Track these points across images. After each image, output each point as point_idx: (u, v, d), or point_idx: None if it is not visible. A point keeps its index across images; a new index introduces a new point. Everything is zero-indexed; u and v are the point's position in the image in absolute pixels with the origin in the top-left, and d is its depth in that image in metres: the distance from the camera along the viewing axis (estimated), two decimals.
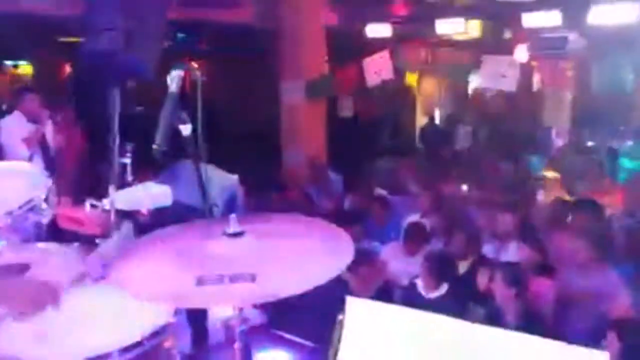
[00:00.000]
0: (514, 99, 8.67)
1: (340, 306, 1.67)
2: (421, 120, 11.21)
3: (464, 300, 4.07)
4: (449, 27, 7.65)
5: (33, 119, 5.35)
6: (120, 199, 2.08)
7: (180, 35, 8.92)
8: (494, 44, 8.27)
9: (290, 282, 1.42)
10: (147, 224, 2.22)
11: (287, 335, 3.32)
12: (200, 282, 1.42)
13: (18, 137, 5.16)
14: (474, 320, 1.46)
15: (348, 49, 8.57)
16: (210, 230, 1.67)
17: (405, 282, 4.74)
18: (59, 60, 11.67)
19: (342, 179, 7.83)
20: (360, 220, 6.00)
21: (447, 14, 7.58)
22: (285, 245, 1.59)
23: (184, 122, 1.96)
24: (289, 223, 1.78)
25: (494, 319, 3.79)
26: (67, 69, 11.81)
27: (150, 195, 2.15)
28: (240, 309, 1.56)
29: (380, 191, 6.82)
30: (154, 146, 1.87)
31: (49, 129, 5.51)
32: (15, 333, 1.67)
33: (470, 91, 11.19)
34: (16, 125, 5.26)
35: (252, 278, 1.43)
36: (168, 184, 2.35)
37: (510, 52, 7.25)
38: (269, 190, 7.11)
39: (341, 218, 5.78)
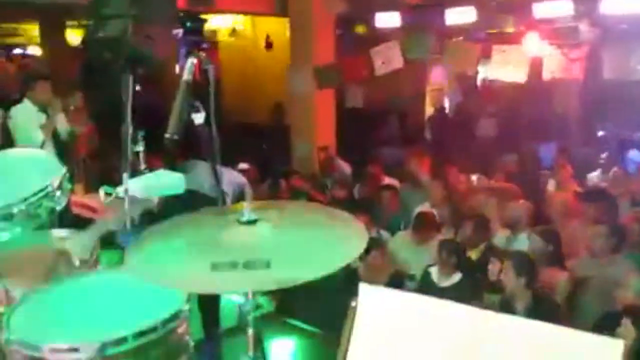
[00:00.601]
0: (524, 89, 8.62)
1: (349, 295, 1.68)
2: (430, 110, 11.17)
3: (476, 288, 4.08)
4: (459, 16, 7.59)
5: (44, 107, 5.36)
6: (134, 186, 2.09)
7: (189, 23, 8.89)
8: (504, 34, 8.22)
9: (304, 269, 1.43)
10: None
11: (297, 323, 3.33)
12: (214, 267, 1.43)
13: (29, 125, 5.18)
14: (488, 308, 1.46)
15: (357, 38, 8.55)
16: (224, 218, 1.68)
17: (414, 271, 4.75)
18: (70, 46, 11.70)
19: (352, 168, 7.83)
20: (370, 209, 6.01)
21: (457, 3, 7.53)
22: (299, 232, 1.60)
23: (197, 111, 1.97)
24: (303, 210, 1.79)
25: (504, 308, 3.79)
26: (78, 55, 11.85)
27: (163, 182, 2.16)
28: (253, 296, 1.57)
29: (390, 180, 6.82)
30: (167, 135, 1.88)
31: (60, 117, 5.53)
32: (32, 316, 1.69)
33: (479, 81, 11.12)
34: (27, 114, 5.28)
35: (267, 264, 1.44)
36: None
37: (520, 42, 7.19)
38: (278, 178, 7.12)
39: (350, 207, 5.79)
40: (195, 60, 1.92)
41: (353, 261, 4.17)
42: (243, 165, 6.69)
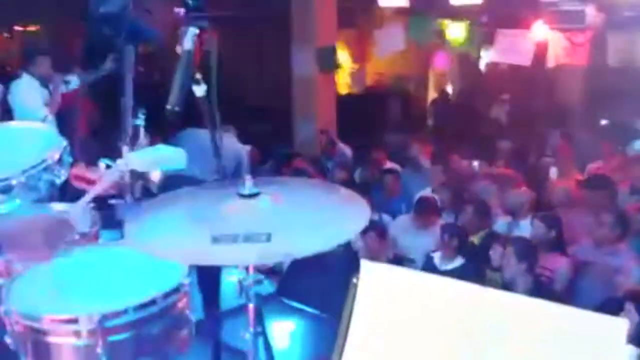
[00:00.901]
0: (528, 73, 8.56)
1: (350, 275, 1.66)
2: (433, 95, 11.11)
3: (478, 273, 4.08)
4: None
5: (44, 82, 5.32)
6: (134, 160, 2.07)
7: (191, 1, 8.81)
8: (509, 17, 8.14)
9: (305, 243, 1.41)
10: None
11: (297, 305, 3.33)
12: (215, 240, 1.41)
13: (31, 101, 5.14)
14: (490, 286, 1.45)
15: (360, 18, 8.47)
16: (225, 191, 1.66)
17: (415, 256, 4.75)
18: (69, 21, 11.59)
19: (353, 151, 7.81)
20: (370, 193, 5.99)
21: None
22: (301, 207, 1.58)
23: (198, 83, 1.93)
24: (305, 186, 1.77)
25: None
26: (78, 30, 11.75)
27: (164, 157, 2.13)
28: (254, 270, 1.55)
29: (391, 164, 6.79)
30: (167, 106, 1.85)
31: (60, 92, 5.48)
32: (32, 287, 1.68)
33: (483, 66, 11.04)
34: (28, 89, 5.23)
35: (267, 238, 1.42)
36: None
37: (526, 26, 7.12)
38: (279, 160, 7.10)
39: (351, 189, 5.77)
40: (197, 31, 1.87)
41: (354, 243, 4.21)
42: (245, 147, 6.65)
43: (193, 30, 1.83)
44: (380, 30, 7.65)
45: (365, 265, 1.52)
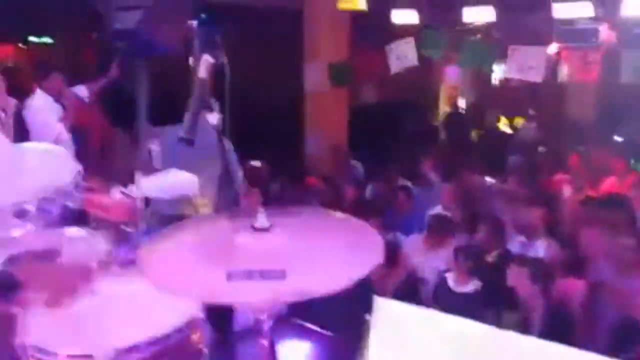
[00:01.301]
0: (540, 90, 8.52)
1: (363, 299, 1.64)
2: (444, 109, 11.10)
3: (494, 297, 4.03)
4: (477, 15, 7.50)
5: (57, 99, 5.36)
6: (147, 186, 2.06)
7: (203, 15, 8.89)
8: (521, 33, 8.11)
9: (320, 281, 1.39)
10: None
11: (308, 325, 3.29)
12: (230, 277, 1.39)
13: (45, 117, 5.17)
14: (506, 326, 1.42)
15: (372, 34, 8.46)
16: (238, 223, 1.64)
17: (428, 275, 4.71)
18: (83, 35, 11.68)
19: (364, 168, 7.79)
20: (382, 210, 5.96)
21: (475, 1, 7.44)
22: (315, 241, 1.56)
23: (212, 110, 1.93)
24: (318, 218, 1.75)
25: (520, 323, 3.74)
26: (90, 46, 11.84)
27: (177, 183, 2.12)
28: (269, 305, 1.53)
29: (403, 181, 6.77)
30: (181, 134, 1.85)
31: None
32: (42, 321, 1.66)
33: (495, 81, 11.03)
34: (41, 105, 5.27)
35: (282, 275, 1.40)
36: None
37: (539, 42, 7.10)
38: (290, 175, 7.09)
39: (362, 207, 5.76)
40: (211, 60, 1.88)
41: None
42: (255, 163, 6.67)
43: (208, 59, 1.83)
44: (392, 46, 7.64)
45: (378, 301, 1.50)
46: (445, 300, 4.17)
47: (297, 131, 8.67)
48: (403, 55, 7.51)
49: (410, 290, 4.57)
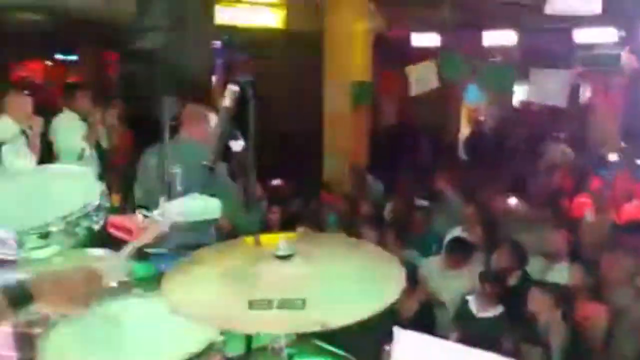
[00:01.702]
0: (561, 113, 8.47)
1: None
2: (465, 130, 11.07)
3: (516, 321, 3.99)
4: (497, 38, 7.52)
5: (84, 117, 5.46)
6: (171, 210, 2.09)
7: (225, 37, 9.06)
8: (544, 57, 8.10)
9: (340, 312, 1.40)
10: None
11: (329, 347, 3.28)
12: (251, 306, 1.40)
13: (71, 135, 5.27)
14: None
15: (393, 56, 8.52)
16: (260, 250, 1.66)
17: (446, 298, 4.67)
18: (107, 56, 11.92)
19: (383, 187, 7.78)
20: (400, 230, 5.95)
21: (495, 25, 7.47)
22: (337, 270, 1.57)
23: (236, 138, 1.96)
24: (340, 246, 1.76)
25: (538, 340, 3.70)
26: (115, 65, 12.08)
27: (200, 207, 2.15)
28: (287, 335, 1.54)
29: (421, 202, 6.74)
30: (204, 162, 1.87)
31: (100, 127, 5.62)
32: (65, 340, 1.69)
33: (516, 103, 11.00)
34: (69, 123, 5.38)
35: (302, 304, 1.41)
36: None
37: (560, 66, 7.08)
38: (309, 193, 7.12)
39: (380, 226, 5.76)
40: (237, 88, 1.91)
41: None
42: (276, 182, 6.70)
43: (233, 88, 1.86)
44: (413, 68, 7.68)
45: (397, 332, 1.51)
46: (467, 325, 4.13)
47: (317, 149, 8.72)
48: (424, 77, 7.53)
49: (428, 314, 4.54)
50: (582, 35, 6.61)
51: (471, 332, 3.98)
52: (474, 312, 4.24)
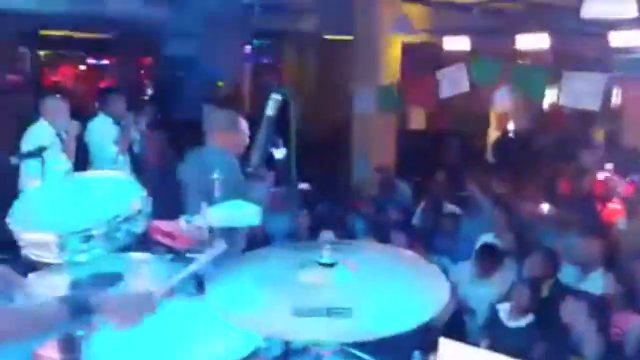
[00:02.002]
0: (593, 117, 8.35)
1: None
2: (494, 134, 10.96)
3: (548, 331, 3.92)
4: (530, 41, 7.44)
5: (117, 121, 5.53)
6: (213, 215, 2.12)
7: (256, 41, 9.11)
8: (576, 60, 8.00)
9: (387, 321, 1.40)
10: None
11: (360, 354, 3.28)
12: (296, 313, 1.42)
13: (105, 139, 5.34)
14: None
15: (424, 60, 8.50)
16: (303, 257, 1.67)
17: (475, 306, 4.63)
18: (138, 60, 12.10)
19: (412, 192, 7.74)
20: (429, 236, 5.92)
21: (528, 28, 7.39)
22: (382, 279, 1.58)
23: (277, 146, 1.99)
24: (380, 254, 1.77)
25: (571, 352, 3.65)
26: (148, 70, 12.25)
27: (240, 212, 2.17)
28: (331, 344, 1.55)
29: (451, 207, 6.69)
30: (249, 169, 1.91)
31: (133, 131, 5.69)
32: (109, 344, 1.73)
33: (546, 106, 10.85)
34: (103, 127, 5.46)
35: (349, 313, 1.42)
36: None
37: (594, 69, 6.98)
38: (337, 197, 7.12)
39: (409, 231, 5.73)
40: (279, 97, 1.94)
41: None
42: (304, 185, 6.71)
43: (276, 97, 1.90)
44: (443, 72, 7.64)
45: (443, 343, 1.51)
46: (497, 333, 4.08)
47: (345, 154, 8.73)
48: (454, 81, 7.48)
49: (457, 321, 4.50)
50: (617, 39, 6.50)
51: (501, 341, 3.93)
52: (504, 320, 4.18)
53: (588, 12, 5.47)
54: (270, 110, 1.91)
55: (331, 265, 1.60)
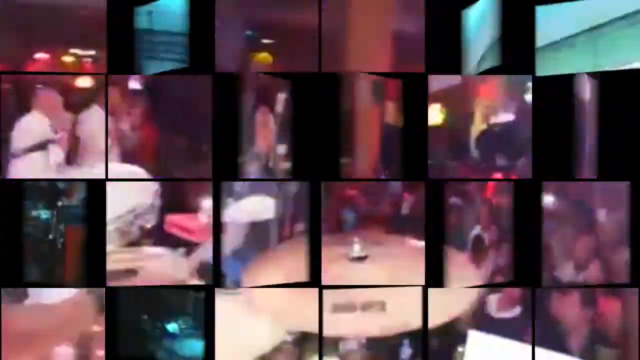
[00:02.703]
0: None
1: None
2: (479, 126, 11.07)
3: (536, 323, 3.97)
4: None
5: (111, 113, 5.46)
6: (229, 210, 2.12)
7: (248, 32, 9.03)
8: None
9: (419, 315, 1.42)
10: None
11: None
12: (335, 308, 1.43)
13: (99, 132, 5.27)
14: None
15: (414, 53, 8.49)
16: (332, 251, 1.67)
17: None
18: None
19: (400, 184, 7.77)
20: (419, 226, 5.93)
21: None
22: (409, 274, 1.60)
23: (284, 142, 2.01)
24: (407, 250, 1.78)
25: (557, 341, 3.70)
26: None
27: (257, 207, 2.18)
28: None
29: (454, 200, 6.72)
30: (269, 164, 1.92)
31: (126, 125, 5.62)
32: None
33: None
34: (95, 119, 5.38)
35: (382, 307, 1.44)
36: None
37: None
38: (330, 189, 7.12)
39: (400, 221, 5.75)
40: (286, 96, 1.96)
41: None
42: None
43: (283, 95, 1.92)
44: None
45: (472, 335, 1.54)
46: (483, 324, 4.11)
47: (338, 145, 8.73)
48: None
49: None
50: None
51: (488, 332, 3.95)
52: (491, 313, 4.22)
53: None
54: (279, 107, 1.93)
55: (361, 259, 1.61)
